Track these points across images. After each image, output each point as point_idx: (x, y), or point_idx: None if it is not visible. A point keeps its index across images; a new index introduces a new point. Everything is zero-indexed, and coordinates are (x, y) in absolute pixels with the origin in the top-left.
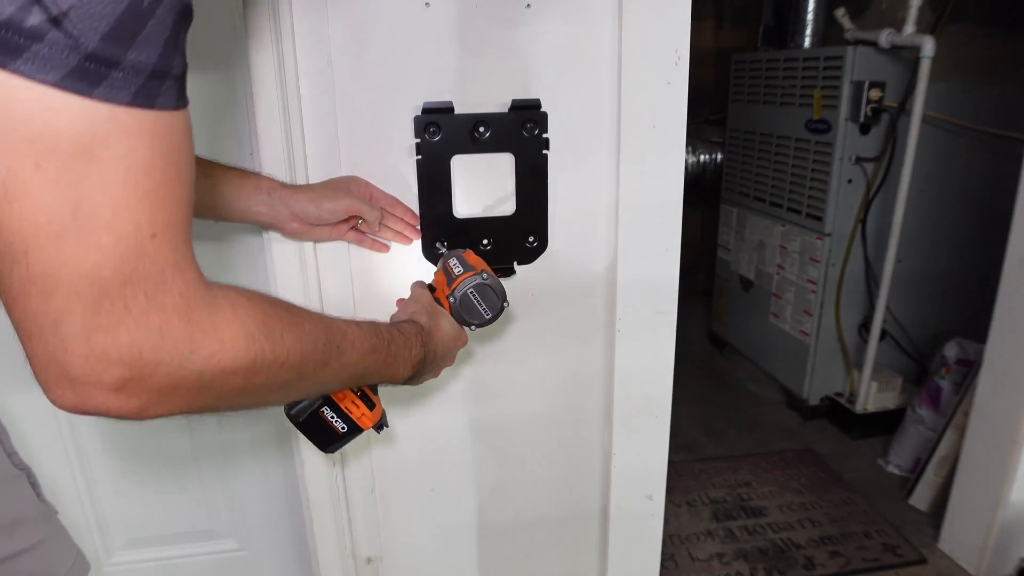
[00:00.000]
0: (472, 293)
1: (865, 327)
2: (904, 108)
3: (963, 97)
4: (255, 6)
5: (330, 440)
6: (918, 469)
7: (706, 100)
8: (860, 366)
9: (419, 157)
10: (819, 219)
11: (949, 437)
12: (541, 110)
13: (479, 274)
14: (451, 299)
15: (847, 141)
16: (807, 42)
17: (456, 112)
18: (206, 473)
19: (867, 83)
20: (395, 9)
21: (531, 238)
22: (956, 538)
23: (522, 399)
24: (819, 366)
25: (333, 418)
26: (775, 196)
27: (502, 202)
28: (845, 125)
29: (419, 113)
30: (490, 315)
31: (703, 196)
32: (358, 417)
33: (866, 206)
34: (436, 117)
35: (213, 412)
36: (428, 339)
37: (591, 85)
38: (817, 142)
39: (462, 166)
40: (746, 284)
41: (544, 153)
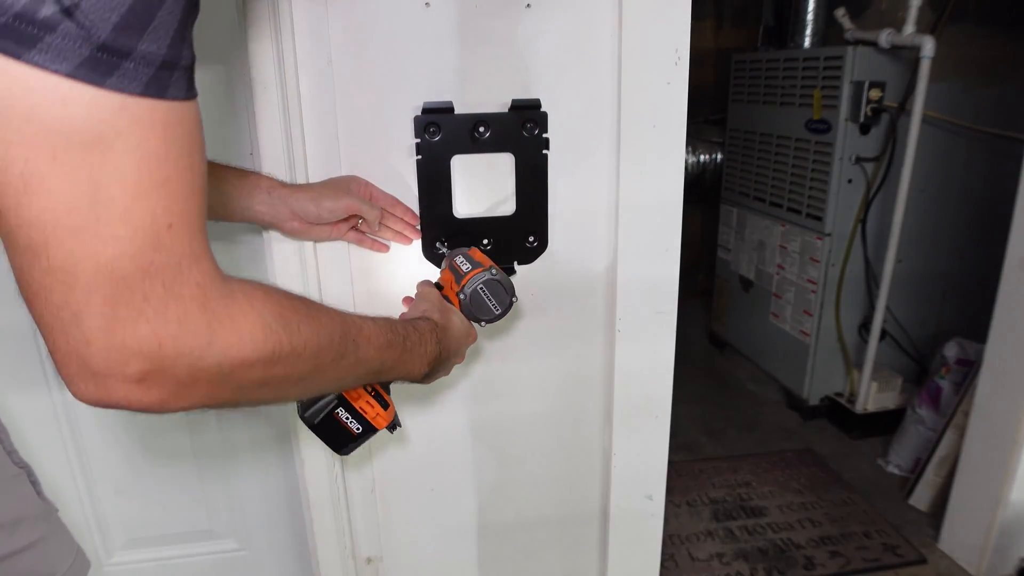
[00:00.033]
0: (482, 289)
1: (865, 327)
2: (904, 108)
3: (963, 97)
4: (255, 6)
5: (345, 441)
6: (918, 469)
7: (706, 100)
8: (860, 366)
9: (419, 157)
10: (819, 219)
11: (949, 437)
12: (541, 110)
13: (488, 270)
14: (461, 296)
15: (847, 141)
16: (807, 42)
17: (456, 112)
18: (206, 473)
19: (867, 83)
20: (395, 9)
21: (531, 238)
22: (956, 538)
23: (522, 399)
24: (819, 366)
25: (348, 419)
26: (775, 196)
27: (502, 202)
28: (845, 125)
29: (419, 113)
30: (500, 310)
31: (703, 196)
32: (373, 417)
33: (866, 206)
34: (436, 117)
35: (232, 407)
36: (443, 335)
37: (591, 85)
38: (817, 142)
39: (462, 166)
40: (746, 284)
41: (544, 153)
